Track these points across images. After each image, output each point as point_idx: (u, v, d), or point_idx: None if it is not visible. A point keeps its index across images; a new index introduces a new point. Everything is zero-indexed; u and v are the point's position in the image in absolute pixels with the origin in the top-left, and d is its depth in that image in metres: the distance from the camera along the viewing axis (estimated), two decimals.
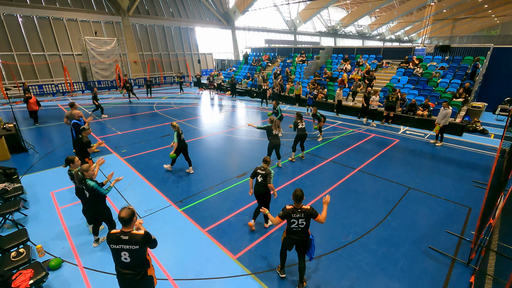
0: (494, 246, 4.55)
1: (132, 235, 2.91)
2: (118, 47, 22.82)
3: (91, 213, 4.85)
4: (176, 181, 7.09)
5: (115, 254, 2.97)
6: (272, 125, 7.49)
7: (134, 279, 3.01)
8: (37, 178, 7.21)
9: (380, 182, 7.11)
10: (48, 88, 19.64)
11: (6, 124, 9.20)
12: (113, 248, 2.95)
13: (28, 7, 20.31)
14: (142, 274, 3.04)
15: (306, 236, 3.78)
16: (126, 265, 2.98)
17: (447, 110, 9.33)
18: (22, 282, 3.47)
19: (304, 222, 3.69)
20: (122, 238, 2.90)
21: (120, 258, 2.96)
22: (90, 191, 4.25)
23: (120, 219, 2.89)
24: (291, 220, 3.69)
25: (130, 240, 2.89)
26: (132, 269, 3.00)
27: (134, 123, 12.65)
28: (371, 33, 55.26)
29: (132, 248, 2.90)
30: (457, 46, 15.88)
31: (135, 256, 2.94)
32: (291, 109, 15.77)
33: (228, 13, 33.51)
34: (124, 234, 2.91)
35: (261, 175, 4.94)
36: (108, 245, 3.00)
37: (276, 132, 7.53)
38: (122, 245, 2.90)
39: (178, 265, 4.37)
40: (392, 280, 4.10)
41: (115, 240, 2.92)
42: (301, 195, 3.70)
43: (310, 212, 3.70)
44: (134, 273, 3.00)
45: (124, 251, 2.91)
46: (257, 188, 4.98)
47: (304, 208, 3.71)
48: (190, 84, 26.11)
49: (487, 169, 7.80)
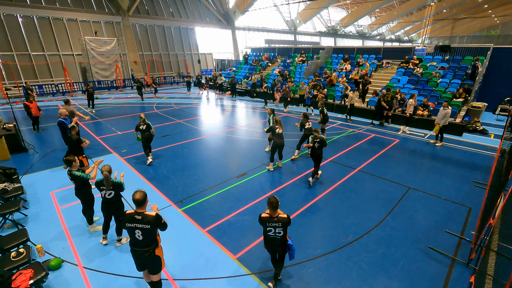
0: (494, 246, 4.55)
1: (145, 215, 3.27)
2: (118, 47, 22.83)
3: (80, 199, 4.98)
4: (176, 181, 7.09)
5: (130, 232, 3.33)
6: (277, 124, 7.45)
7: (143, 255, 3.36)
8: (37, 178, 7.21)
9: (380, 182, 7.11)
10: (48, 88, 19.65)
11: (6, 124, 9.20)
12: (128, 227, 3.31)
13: (28, 7, 20.32)
14: (150, 252, 3.36)
15: (284, 242, 3.76)
16: (139, 242, 3.34)
17: (447, 110, 9.33)
18: (22, 282, 3.47)
19: (281, 230, 3.64)
20: (136, 217, 3.26)
21: (134, 236, 3.32)
22: (76, 179, 4.66)
23: (134, 201, 3.27)
24: (267, 228, 3.67)
25: (142, 220, 3.25)
26: (143, 246, 3.34)
27: (134, 123, 12.54)
28: (371, 33, 55.26)
29: (144, 227, 3.26)
30: (457, 46, 15.89)
31: (146, 235, 3.29)
32: (296, 110, 15.77)
33: (228, 13, 33.51)
34: (137, 214, 3.28)
35: (317, 143, 6.61)
36: (123, 224, 3.39)
37: (280, 132, 7.40)
38: (136, 223, 3.26)
39: (178, 265, 4.37)
40: (392, 280, 4.10)
41: (130, 219, 3.29)
42: (276, 202, 3.61)
43: (286, 221, 3.65)
44: (143, 251, 3.34)
45: (138, 229, 3.27)
46: (314, 152, 6.70)
47: (281, 216, 3.64)
48: (190, 84, 26.09)
49: (487, 169, 7.80)
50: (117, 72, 22.53)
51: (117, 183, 4.43)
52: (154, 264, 3.42)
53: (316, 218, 5.61)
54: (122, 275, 4.19)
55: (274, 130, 7.39)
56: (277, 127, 7.40)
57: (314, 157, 6.76)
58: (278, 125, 7.44)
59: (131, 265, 4.35)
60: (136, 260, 3.48)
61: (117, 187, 4.46)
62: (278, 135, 7.35)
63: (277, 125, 7.44)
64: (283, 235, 3.68)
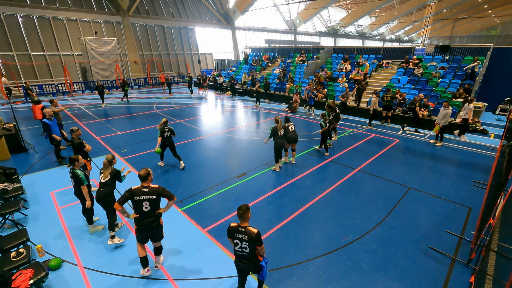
0: (494, 246, 4.55)
1: (150, 187, 3.79)
2: (118, 47, 22.83)
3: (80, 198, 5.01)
4: (176, 181, 7.09)
5: (138, 205, 3.75)
6: (277, 125, 7.41)
7: (151, 226, 3.87)
8: (37, 178, 7.21)
9: (380, 182, 7.11)
10: (48, 88, 19.64)
11: (6, 124, 9.20)
12: (136, 200, 3.73)
13: (28, 7, 20.31)
14: (157, 222, 3.93)
15: (255, 261, 3.23)
16: (147, 214, 3.80)
17: (447, 110, 9.33)
18: (22, 282, 3.47)
19: (247, 247, 3.10)
20: (143, 190, 3.75)
21: (141, 208, 3.76)
22: (76, 178, 4.71)
23: (140, 176, 3.78)
24: (235, 241, 3.18)
25: (149, 192, 3.76)
26: (150, 216, 3.82)
27: (134, 123, 12.65)
28: (371, 33, 55.25)
29: (151, 198, 3.76)
30: (457, 46, 15.88)
31: (153, 205, 3.80)
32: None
33: (228, 13, 33.50)
34: (144, 187, 3.77)
35: (329, 121, 8.48)
36: (131, 198, 3.74)
37: (281, 133, 7.40)
38: (144, 195, 3.73)
39: (178, 265, 4.37)
40: (392, 280, 4.10)
41: (138, 193, 3.73)
42: (243, 211, 3.09)
43: (254, 237, 3.05)
44: (151, 221, 3.84)
45: (146, 201, 3.75)
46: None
47: (250, 229, 3.08)
48: (192, 84, 26.13)
49: (487, 169, 7.80)
50: (117, 72, 22.53)
51: (115, 170, 4.70)
52: (158, 233, 4.01)
53: (316, 218, 5.61)
54: (122, 275, 4.18)
55: (276, 132, 7.34)
56: (278, 128, 7.34)
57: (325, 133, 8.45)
58: (278, 126, 7.38)
59: (131, 265, 4.36)
60: (143, 233, 3.92)
61: (115, 175, 4.71)
62: (280, 136, 7.35)
63: (277, 126, 7.39)
64: (250, 252, 3.14)
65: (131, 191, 3.76)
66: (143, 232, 3.92)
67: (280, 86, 18.84)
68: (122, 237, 4.97)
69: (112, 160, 4.72)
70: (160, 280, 4.08)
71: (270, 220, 5.48)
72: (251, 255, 3.18)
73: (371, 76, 16.98)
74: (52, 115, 7.83)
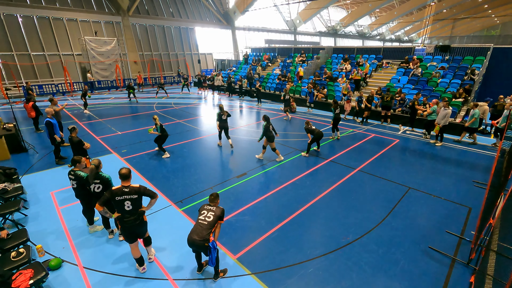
0: (494, 246, 4.55)
1: (131, 187, 3.76)
2: (118, 47, 22.83)
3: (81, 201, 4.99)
4: (176, 181, 7.09)
5: (120, 204, 3.74)
6: (267, 123, 8.03)
7: (134, 223, 3.87)
8: (37, 178, 7.22)
9: (380, 182, 7.11)
10: (48, 88, 19.64)
11: (6, 124, 9.20)
12: (118, 200, 3.70)
13: (28, 7, 20.31)
14: (140, 219, 3.94)
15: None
16: (129, 212, 3.80)
17: (447, 110, 9.33)
18: (22, 282, 3.47)
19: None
20: (124, 190, 3.71)
21: (124, 208, 3.76)
22: (78, 179, 4.65)
23: (120, 175, 3.73)
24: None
25: (130, 192, 3.73)
26: (133, 214, 3.83)
27: (134, 123, 12.65)
28: (371, 33, 55.25)
29: (132, 197, 3.74)
30: (457, 46, 15.87)
31: (135, 204, 3.79)
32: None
33: (228, 13, 33.50)
34: (125, 187, 3.73)
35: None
36: (112, 198, 3.70)
37: (272, 129, 8.14)
38: (125, 195, 3.71)
39: (178, 265, 4.37)
40: (392, 280, 4.10)
41: (119, 193, 3.71)
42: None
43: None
44: (134, 219, 3.85)
45: (127, 200, 3.73)
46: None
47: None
48: (190, 84, 26.10)
49: (487, 169, 7.80)
50: (117, 72, 22.53)
51: (105, 178, 4.52)
52: (143, 229, 4.06)
53: (316, 218, 5.61)
54: (122, 275, 4.18)
55: (268, 128, 7.99)
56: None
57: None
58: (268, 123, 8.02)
59: (131, 265, 4.36)
60: (128, 230, 3.90)
61: (105, 183, 4.53)
62: (271, 131, 8.12)
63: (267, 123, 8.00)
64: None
65: (111, 191, 3.72)
66: (128, 230, 3.92)
67: (280, 86, 18.84)
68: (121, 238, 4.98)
69: (99, 165, 4.56)
70: (160, 280, 4.08)
71: (270, 220, 5.48)
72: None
73: (371, 76, 16.98)
74: (53, 114, 7.85)
